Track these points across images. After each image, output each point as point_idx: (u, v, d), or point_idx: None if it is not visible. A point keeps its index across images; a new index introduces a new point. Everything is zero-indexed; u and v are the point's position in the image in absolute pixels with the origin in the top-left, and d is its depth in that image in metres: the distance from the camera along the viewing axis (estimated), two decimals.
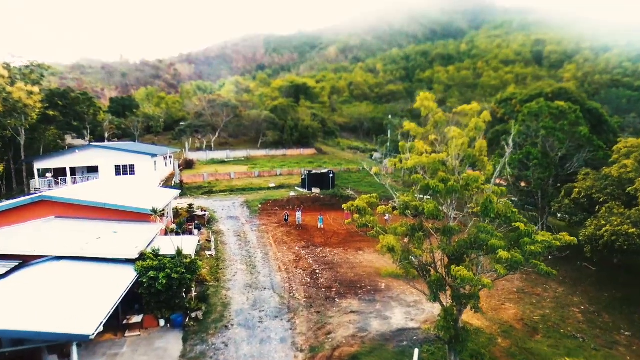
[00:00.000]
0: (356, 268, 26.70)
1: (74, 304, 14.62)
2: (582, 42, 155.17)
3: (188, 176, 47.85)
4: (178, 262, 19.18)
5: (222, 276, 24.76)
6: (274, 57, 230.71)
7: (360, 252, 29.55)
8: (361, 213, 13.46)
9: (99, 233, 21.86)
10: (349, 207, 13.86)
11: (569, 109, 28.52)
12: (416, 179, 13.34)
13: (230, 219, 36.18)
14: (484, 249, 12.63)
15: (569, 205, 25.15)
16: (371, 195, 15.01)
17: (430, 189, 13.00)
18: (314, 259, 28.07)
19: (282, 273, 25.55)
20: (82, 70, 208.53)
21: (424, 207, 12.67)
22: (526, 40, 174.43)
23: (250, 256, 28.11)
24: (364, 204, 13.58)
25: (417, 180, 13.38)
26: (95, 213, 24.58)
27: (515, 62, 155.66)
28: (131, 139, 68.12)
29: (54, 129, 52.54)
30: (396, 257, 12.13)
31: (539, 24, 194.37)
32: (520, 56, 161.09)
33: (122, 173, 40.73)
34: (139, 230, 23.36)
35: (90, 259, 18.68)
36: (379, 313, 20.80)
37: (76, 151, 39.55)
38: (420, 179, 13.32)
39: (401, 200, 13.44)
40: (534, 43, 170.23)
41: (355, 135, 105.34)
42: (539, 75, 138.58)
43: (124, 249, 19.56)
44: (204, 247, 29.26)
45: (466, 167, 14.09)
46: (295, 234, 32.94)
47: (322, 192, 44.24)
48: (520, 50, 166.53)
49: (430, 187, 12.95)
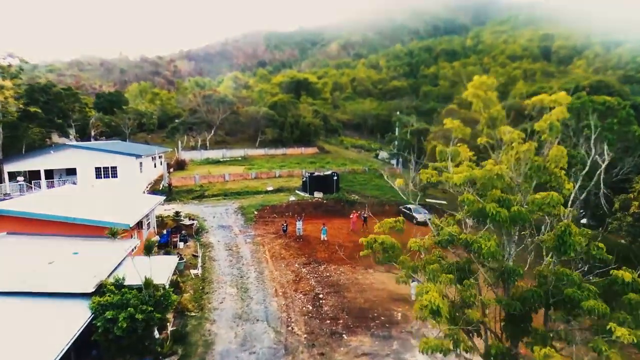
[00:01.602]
0: (366, 291, 22.72)
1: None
2: (592, 37, 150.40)
3: (178, 178, 43.81)
4: (146, 296, 15.20)
5: (207, 303, 20.77)
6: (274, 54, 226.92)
7: (370, 271, 25.54)
8: (387, 251, 9.40)
9: (55, 255, 17.91)
10: (368, 243, 9.78)
11: (617, 104, 24.34)
12: (467, 200, 9.26)
13: (222, 228, 32.17)
14: (568, 308, 8.58)
15: (631, 223, 20.90)
16: (397, 219, 10.97)
17: (488, 216, 8.95)
18: (317, 279, 24.09)
19: (278, 298, 21.57)
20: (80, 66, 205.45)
21: (481, 245, 8.59)
22: (533, 36, 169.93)
23: (242, 276, 24.11)
24: (390, 238, 9.51)
25: (467, 202, 9.29)
26: (57, 228, 20.61)
27: (522, 57, 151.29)
28: (122, 137, 64.06)
29: (36, 127, 48.63)
30: (441, 322, 8.10)
31: (546, 19, 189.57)
32: (528, 51, 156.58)
33: (104, 176, 36.73)
34: (107, 249, 19.37)
35: (35, 294, 14.72)
36: (397, 355, 16.85)
37: (51, 152, 35.55)
38: (472, 200, 9.23)
39: (445, 233, 9.39)
40: (541, 38, 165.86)
41: (358, 132, 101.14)
42: (548, 71, 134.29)
43: (79, 279, 15.58)
44: (189, 264, 25.28)
45: (532, 184, 10.01)
46: (295, 247, 28.92)
47: (325, 197, 40.18)
48: (528, 45, 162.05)
49: (488, 214, 8.90)
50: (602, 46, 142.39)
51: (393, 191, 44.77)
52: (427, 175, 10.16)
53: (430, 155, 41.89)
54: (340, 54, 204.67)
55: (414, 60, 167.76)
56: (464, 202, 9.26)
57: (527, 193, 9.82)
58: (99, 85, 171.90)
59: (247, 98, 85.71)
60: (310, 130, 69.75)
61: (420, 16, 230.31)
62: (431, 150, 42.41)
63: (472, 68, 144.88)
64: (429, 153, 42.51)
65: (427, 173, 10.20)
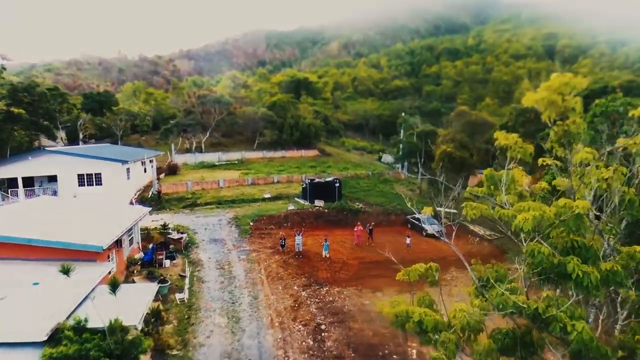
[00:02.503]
0: (375, 321, 19.87)
1: None
2: (598, 36, 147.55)
3: (169, 185, 40.93)
4: (111, 344, 12.41)
5: (192, 338, 17.96)
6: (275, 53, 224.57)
7: (379, 294, 22.72)
8: (427, 333, 6.60)
9: (9, 287, 15.15)
10: (399, 320, 6.97)
11: None
12: (537, 254, 6.44)
13: (214, 242, 29.35)
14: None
15: None
16: (429, 265, 8.17)
17: (571, 278, 6.15)
18: (318, 305, 21.28)
19: (274, 330, 18.76)
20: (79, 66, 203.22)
21: (566, 325, 5.79)
22: (537, 34, 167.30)
23: (234, 301, 21.31)
24: (431, 315, 6.70)
25: (537, 255, 6.48)
26: (17, 251, 17.82)
27: (526, 56, 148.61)
28: (113, 139, 61.21)
29: (21, 130, 45.84)
30: None
31: (549, 18, 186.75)
32: (532, 50, 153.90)
33: (87, 183, 33.89)
34: (75, 277, 16.58)
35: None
36: None
37: (29, 158, 32.69)
38: (546, 255, 6.41)
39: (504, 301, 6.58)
40: (545, 37, 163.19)
41: (360, 133, 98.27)
42: (553, 70, 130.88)
43: (32, 322, 12.79)
44: (175, 286, 22.48)
45: (621, 223, 7.20)
46: (293, 266, 26.11)
47: (326, 205, 37.38)
48: (531, 44, 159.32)
49: (571, 276, 6.11)
50: (607, 45, 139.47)
51: (399, 198, 41.98)
52: (473, 211, 7.37)
53: (439, 160, 39.10)
54: (341, 53, 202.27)
55: (416, 59, 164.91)
56: (532, 255, 6.47)
57: (615, 238, 7.03)
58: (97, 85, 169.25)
59: (245, 98, 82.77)
60: (310, 131, 66.86)
61: (421, 15, 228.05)
62: (440, 155, 39.61)
63: (474, 67, 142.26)
64: (437, 158, 39.68)
65: (472, 208, 7.41)
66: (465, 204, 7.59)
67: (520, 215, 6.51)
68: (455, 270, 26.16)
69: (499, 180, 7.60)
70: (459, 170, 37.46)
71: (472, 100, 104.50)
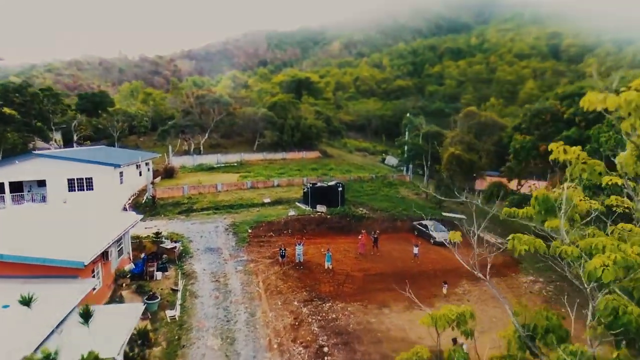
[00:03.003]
0: (382, 343, 18.16)
1: None
2: (603, 35, 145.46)
3: (164, 189, 39.23)
4: None
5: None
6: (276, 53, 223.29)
7: (386, 311, 21.00)
8: None
9: None
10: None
11: None
12: (619, 308, 4.74)
13: (210, 251, 27.66)
14: None
15: None
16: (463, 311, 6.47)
17: None
18: (320, 324, 19.57)
19: (272, 354, 17.07)
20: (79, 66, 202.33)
21: None
22: (541, 34, 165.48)
23: (229, 319, 19.62)
24: None
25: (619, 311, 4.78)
26: None
27: (530, 56, 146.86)
28: (110, 141, 59.62)
29: (13, 131, 44.32)
30: None
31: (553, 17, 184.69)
32: (536, 50, 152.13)
33: (77, 188, 32.26)
34: (51, 297, 14.96)
35: None
36: None
37: (16, 162, 31.09)
38: (628, 313, 4.72)
39: None
40: (549, 36, 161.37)
41: (362, 134, 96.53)
42: (558, 70, 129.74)
43: None
44: (166, 302, 20.81)
45: None
46: (294, 278, 24.40)
47: (329, 211, 35.65)
48: (535, 44, 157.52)
49: None
50: (613, 44, 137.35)
51: (405, 203, 40.24)
52: (523, 246, 5.67)
53: (447, 163, 37.34)
54: (343, 53, 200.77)
55: (418, 59, 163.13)
56: (614, 316, 4.78)
57: None
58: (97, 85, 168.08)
59: (245, 98, 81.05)
60: (311, 132, 65.04)
61: (422, 15, 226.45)
62: (448, 158, 37.81)
63: (478, 67, 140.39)
64: (445, 161, 37.89)
65: (523, 242, 5.70)
66: (512, 236, 5.90)
67: (596, 260, 4.80)
68: (467, 283, 24.45)
69: (556, 205, 5.90)
70: (467, 174, 35.68)
71: (476, 100, 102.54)
